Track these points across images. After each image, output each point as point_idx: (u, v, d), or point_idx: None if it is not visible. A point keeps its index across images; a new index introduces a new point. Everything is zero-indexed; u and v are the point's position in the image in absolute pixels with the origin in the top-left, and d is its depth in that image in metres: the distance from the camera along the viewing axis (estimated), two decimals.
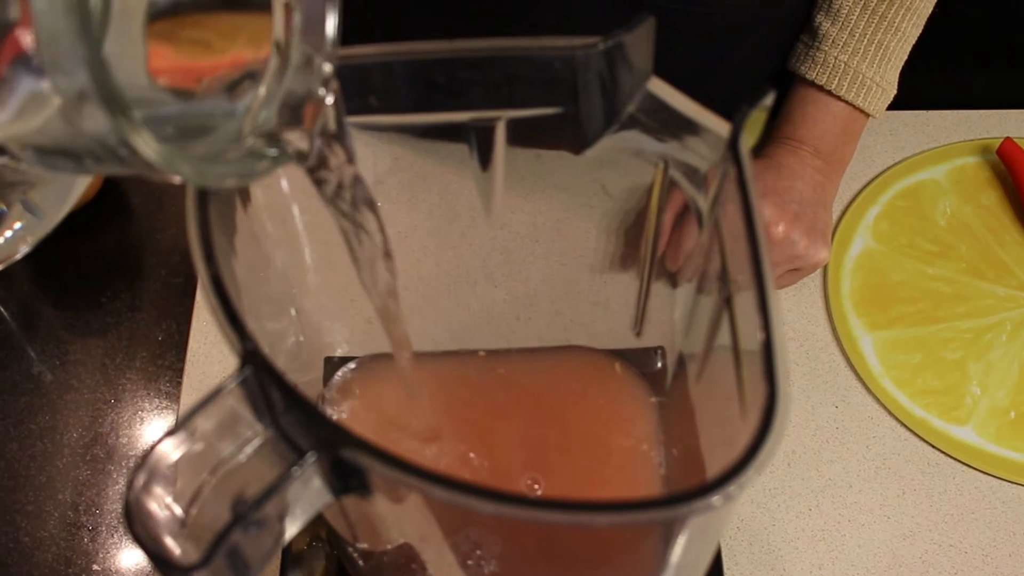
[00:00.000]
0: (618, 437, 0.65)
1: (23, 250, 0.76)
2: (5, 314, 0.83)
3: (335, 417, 0.65)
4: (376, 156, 0.58)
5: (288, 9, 0.38)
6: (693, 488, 0.35)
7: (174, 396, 0.79)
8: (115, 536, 0.73)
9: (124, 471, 0.76)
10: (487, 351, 0.69)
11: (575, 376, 0.68)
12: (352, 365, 0.68)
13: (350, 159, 0.42)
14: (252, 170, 0.38)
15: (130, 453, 0.77)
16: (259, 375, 0.36)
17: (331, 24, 0.39)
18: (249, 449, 0.38)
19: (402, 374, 0.57)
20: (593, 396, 0.67)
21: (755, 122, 0.44)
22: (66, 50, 0.28)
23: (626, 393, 0.67)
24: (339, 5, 0.39)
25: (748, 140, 0.43)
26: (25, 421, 0.78)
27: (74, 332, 0.82)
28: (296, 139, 0.40)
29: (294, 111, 0.40)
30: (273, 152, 0.38)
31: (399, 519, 0.44)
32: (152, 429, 0.78)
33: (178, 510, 0.36)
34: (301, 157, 0.40)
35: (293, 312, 0.59)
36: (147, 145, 0.30)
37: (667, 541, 0.41)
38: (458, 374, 0.68)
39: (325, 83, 0.40)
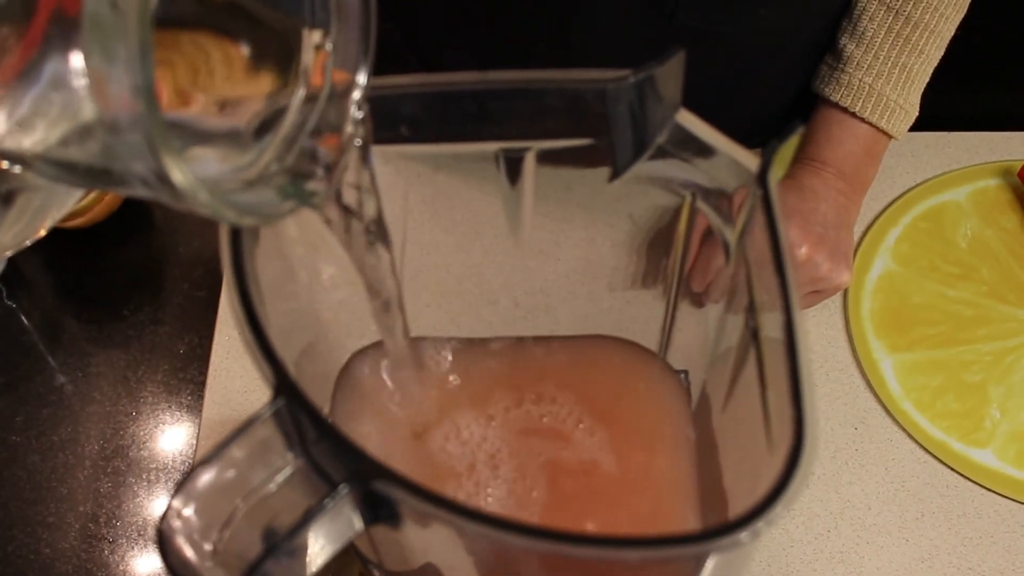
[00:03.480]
0: (657, 435, 0.64)
1: (26, 243, 0.76)
2: (28, 326, 0.84)
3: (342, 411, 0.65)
4: (398, 172, 0.58)
5: (320, 50, 0.38)
6: (721, 524, 0.35)
7: (195, 409, 0.80)
8: (134, 548, 0.73)
9: (144, 484, 0.76)
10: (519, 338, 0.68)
11: (611, 367, 0.67)
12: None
13: (377, 206, 0.43)
14: (275, 211, 0.37)
15: (151, 466, 0.77)
16: (292, 407, 0.37)
17: (362, 77, 0.39)
18: (280, 478, 0.38)
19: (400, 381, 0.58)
20: (632, 391, 0.66)
21: (783, 154, 0.44)
22: (119, 61, 0.27)
23: (665, 391, 0.66)
24: (372, 56, 0.39)
25: (777, 172, 0.44)
26: (47, 432, 0.78)
27: (96, 344, 0.83)
28: (317, 181, 0.39)
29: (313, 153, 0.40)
30: (300, 191, 0.38)
31: (427, 547, 0.44)
32: (173, 442, 0.78)
33: (210, 538, 0.37)
34: (319, 198, 0.40)
35: (315, 326, 0.59)
36: (180, 173, 0.29)
37: (694, 573, 0.41)
38: (489, 362, 0.67)
39: (355, 127, 0.40)
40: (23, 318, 0.84)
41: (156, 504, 0.75)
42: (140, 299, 0.85)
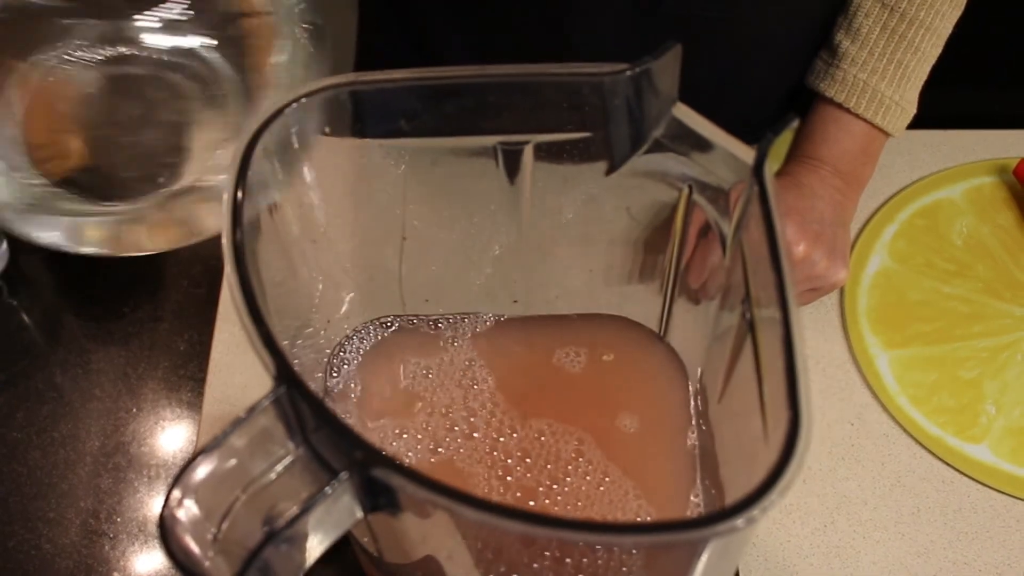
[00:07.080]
0: (658, 416, 0.64)
1: None
2: (29, 323, 0.84)
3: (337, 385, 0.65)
4: (396, 168, 0.58)
5: None
6: (717, 511, 0.36)
7: (196, 406, 0.80)
8: (135, 544, 0.74)
9: (145, 480, 0.76)
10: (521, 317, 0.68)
11: (613, 346, 0.67)
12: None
13: None
14: None
15: (151, 462, 0.77)
16: (292, 395, 0.37)
17: None
18: (280, 467, 0.38)
19: None
20: (633, 368, 0.66)
21: (778, 147, 0.45)
22: None
23: (667, 368, 0.66)
24: None
25: (772, 166, 0.44)
26: (48, 429, 0.79)
27: (97, 341, 0.83)
28: None
29: None
30: None
31: (426, 536, 0.44)
32: (173, 439, 0.78)
33: (211, 526, 0.37)
34: None
35: (308, 311, 0.60)
36: None
37: (690, 559, 0.41)
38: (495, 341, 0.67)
39: None
40: (23, 315, 0.85)
41: (156, 500, 0.76)
42: (140, 296, 0.85)
